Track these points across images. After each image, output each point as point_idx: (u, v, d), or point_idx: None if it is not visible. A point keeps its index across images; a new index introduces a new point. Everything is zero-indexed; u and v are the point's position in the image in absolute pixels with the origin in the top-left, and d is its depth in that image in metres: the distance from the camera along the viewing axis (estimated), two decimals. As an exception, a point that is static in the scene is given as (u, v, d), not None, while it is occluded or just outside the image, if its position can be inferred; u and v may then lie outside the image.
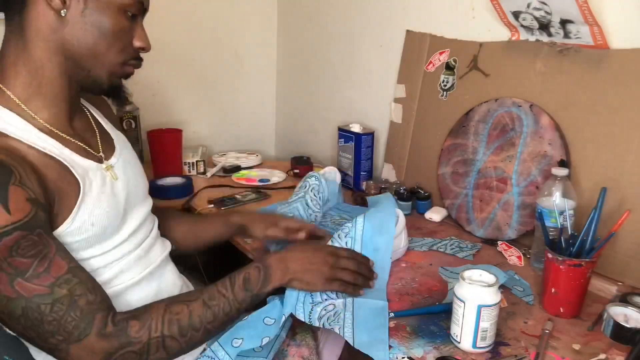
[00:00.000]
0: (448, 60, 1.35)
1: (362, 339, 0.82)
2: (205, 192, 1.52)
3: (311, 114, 1.96)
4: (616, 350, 0.80)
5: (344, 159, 1.59)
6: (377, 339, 0.82)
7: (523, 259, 1.11)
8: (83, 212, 0.78)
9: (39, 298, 0.68)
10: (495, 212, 1.21)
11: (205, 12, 1.86)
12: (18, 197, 0.68)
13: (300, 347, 1.02)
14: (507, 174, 1.19)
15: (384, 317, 0.88)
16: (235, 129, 2.06)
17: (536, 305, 0.94)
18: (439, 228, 1.29)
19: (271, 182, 1.61)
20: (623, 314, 0.84)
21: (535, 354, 0.78)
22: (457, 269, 1.05)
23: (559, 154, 1.10)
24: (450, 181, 1.32)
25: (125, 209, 0.88)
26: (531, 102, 1.16)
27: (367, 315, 0.89)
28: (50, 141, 0.79)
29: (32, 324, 0.68)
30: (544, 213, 1.01)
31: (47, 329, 0.68)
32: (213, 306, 0.79)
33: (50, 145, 0.78)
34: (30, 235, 0.68)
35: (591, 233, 0.90)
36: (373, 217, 1.03)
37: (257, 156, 1.87)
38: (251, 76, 2.05)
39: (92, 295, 0.72)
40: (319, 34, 1.84)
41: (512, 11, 1.14)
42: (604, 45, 1.03)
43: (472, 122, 1.27)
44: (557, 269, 0.88)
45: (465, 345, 0.79)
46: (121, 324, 0.73)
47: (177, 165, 1.64)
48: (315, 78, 1.90)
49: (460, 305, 0.79)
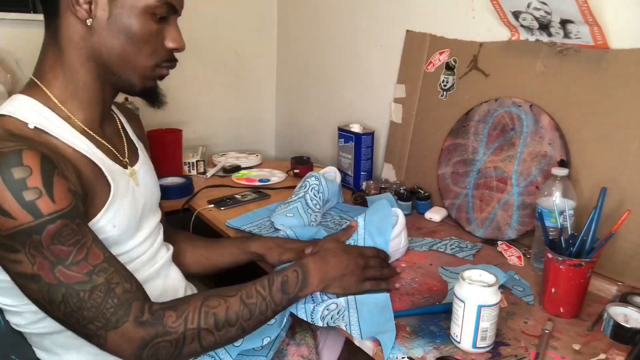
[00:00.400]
0: (448, 60, 1.35)
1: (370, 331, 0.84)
2: (205, 192, 1.52)
3: (311, 114, 1.96)
4: (616, 350, 0.80)
5: (344, 159, 1.59)
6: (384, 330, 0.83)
7: (523, 259, 1.11)
8: (109, 213, 0.80)
9: (78, 285, 0.69)
10: (495, 212, 1.21)
11: (205, 12, 1.86)
12: (61, 187, 0.70)
13: (300, 346, 1.02)
14: (507, 174, 1.19)
15: (389, 311, 0.89)
16: (235, 129, 2.07)
17: (536, 305, 0.94)
18: (439, 228, 1.29)
19: (271, 182, 1.61)
20: (623, 314, 0.84)
21: (535, 354, 0.78)
22: (457, 269, 1.05)
23: (559, 154, 1.10)
24: (450, 181, 1.32)
25: (142, 215, 0.90)
26: (531, 102, 1.16)
27: (372, 310, 0.89)
28: (85, 141, 0.81)
29: (72, 310, 0.69)
30: (544, 213, 1.01)
31: (87, 315, 0.70)
32: (250, 304, 0.80)
33: (85, 145, 0.81)
34: (71, 224, 0.70)
35: (591, 233, 0.89)
36: (371, 219, 1.04)
37: (257, 156, 1.87)
38: (251, 76, 2.05)
39: (128, 284, 0.73)
40: (319, 34, 1.84)
41: (512, 11, 1.14)
42: (604, 45, 1.03)
43: (472, 122, 1.27)
44: (557, 269, 0.88)
45: (465, 345, 0.79)
46: (158, 312, 0.73)
47: (177, 165, 1.64)
48: (315, 78, 1.90)
49: (460, 305, 0.79)
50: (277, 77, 2.11)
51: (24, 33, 1.52)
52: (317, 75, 1.89)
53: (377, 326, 0.85)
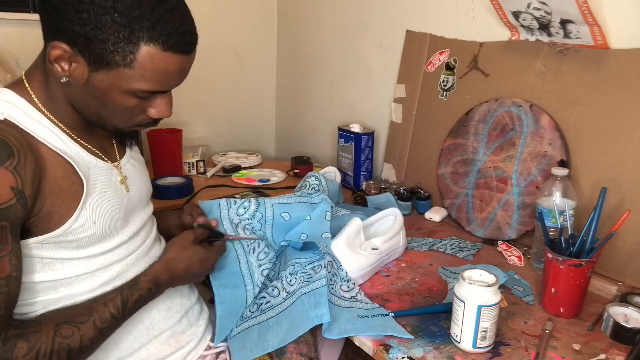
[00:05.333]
0: (448, 60, 1.35)
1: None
2: (205, 192, 1.52)
3: (311, 114, 1.96)
4: (616, 350, 0.80)
5: (344, 159, 1.59)
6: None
7: (523, 259, 1.11)
8: (86, 210, 0.78)
9: None
10: (495, 212, 1.21)
11: (206, 12, 1.86)
12: (5, 181, 0.67)
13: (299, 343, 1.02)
14: (507, 174, 1.19)
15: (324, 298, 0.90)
16: (235, 129, 2.06)
17: (536, 305, 0.94)
18: (439, 228, 1.29)
19: (271, 182, 1.61)
20: (623, 314, 0.84)
21: (535, 354, 0.78)
22: (457, 269, 1.05)
23: (559, 154, 1.10)
24: (450, 181, 1.32)
25: (128, 211, 0.88)
26: (531, 102, 1.16)
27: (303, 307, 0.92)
28: (63, 137, 0.79)
29: None
30: (544, 213, 1.01)
31: None
32: (104, 328, 0.78)
33: (60, 140, 0.78)
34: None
35: (591, 233, 0.89)
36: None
37: (257, 156, 1.87)
38: (251, 76, 2.05)
39: (3, 311, 0.70)
40: (319, 34, 1.84)
41: (512, 11, 1.14)
42: (604, 45, 1.03)
43: (472, 122, 1.27)
44: (557, 269, 0.88)
45: (465, 345, 0.79)
46: (10, 342, 0.69)
47: (177, 165, 1.64)
48: (315, 78, 1.90)
49: (460, 305, 0.79)
50: (277, 77, 2.11)
51: (24, 33, 1.51)
52: (317, 75, 1.89)
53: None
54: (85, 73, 0.73)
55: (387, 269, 1.06)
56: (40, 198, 0.73)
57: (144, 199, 0.96)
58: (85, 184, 0.79)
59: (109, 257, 0.84)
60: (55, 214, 0.75)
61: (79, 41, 0.70)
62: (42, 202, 0.73)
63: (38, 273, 0.77)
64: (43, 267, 0.77)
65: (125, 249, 0.86)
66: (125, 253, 0.86)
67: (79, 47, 0.71)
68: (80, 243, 0.79)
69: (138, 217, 0.92)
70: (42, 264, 0.77)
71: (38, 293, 0.78)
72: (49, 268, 0.78)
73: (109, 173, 0.85)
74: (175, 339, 0.93)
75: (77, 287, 0.80)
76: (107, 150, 0.89)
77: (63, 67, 0.73)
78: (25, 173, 0.70)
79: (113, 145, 0.91)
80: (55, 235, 0.75)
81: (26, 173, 0.70)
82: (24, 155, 0.70)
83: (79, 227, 0.77)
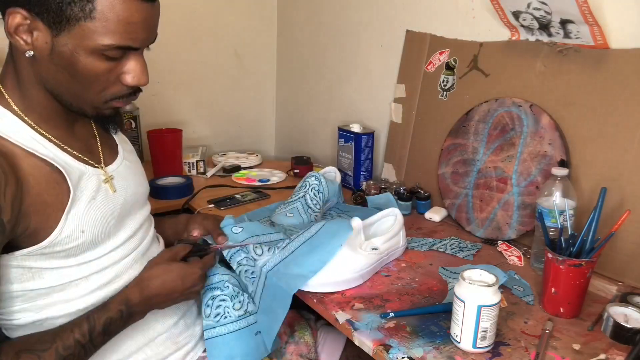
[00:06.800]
0: (448, 60, 1.35)
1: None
2: (205, 192, 1.52)
3: (311, 114, 1.96)
4: (616, 350, 0.80)
5: (344, 159, 1.59)
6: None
7: (523, 259, 1.11)
8: (72, 220, 0.76)
9: None
10: (495, 212, 1.21)
11: (205, 12, 1.86)
12: None
13: (299, 344, 1.02)
14: (507, 174, 1.19)
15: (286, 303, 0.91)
16: (235, 129, 2.07)
17: (536, 305, 0.94)
18: (439, 228, 1.29)
19: (271, 182, 1.61)
20: (623, 314, 0.84)
21: (535, 354, 0.78)
22: (457, 269, 1.05)
23: (559, 154, 1.10)
24: (450, 181, 1.32)
25: (122, 215, 0.86)
26: (531, 102, 1.16)
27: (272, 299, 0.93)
28: (47, 144, 0.77)
29: None
30: (544, 213, 1.01)
31: None
32: (67, 356, 0.73)
33: (45, 149, 0.76)
34: None
35: (591, 233, 0.89)
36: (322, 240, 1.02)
37: (257, 156, 1.87)
38: (251, 76, 2.05)
39: None
40: (319, 34, 1.84)
41: (512, 11, 1.14)
42: (604, 45, 1.03)
43: (472, 122, 1.27)
44: (557, 269, 0.88)
45: (465, 345, 0.79)
46: None
47: (177, 165, 1.64)
48: (315, 78, 1.90)
49: (460, 305, 0.79)
50: (277, 77, 2.11)
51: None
52: (317, 75, 1.89)
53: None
54: (48, 41, 0.71)
55: (387, 269, 1.06)
56: (24, 219, 0.71)
57: (140, 201, 0.94)
58: (72, 193, 0.76)
59: (103, 261, 0.82)
60: (41, 229, 0.74)
61: (34, 1, 0.69)
62: (26, 222, 0.72)
63: (28, 282, 0.76)
64: (33, 276, 0.76)
65: (120, 252, 0.85)
66: (121, 256, 0.85)
67: (36, 9, 0.69)
68: (69, 252, 0.77)
69: (134, 219, 0.90)
70: (32, 273, 0.76)
71: (30, 300, 0.77)
72: (39, 277, 0.76)
73: (98, 178, 0.83)
74: (173, 341, 0.92)
75: (71, 292, 0.79)
76: (93, 151, 0.86)
77: (25, 39, 0.71)
78: (5, 198, 0.68)
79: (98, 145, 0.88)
80: (42, 247, 0.74)
81: (5, 198, 0.68)
82: (3, 179, 0.68)
83: (65, 238, 0.76)
